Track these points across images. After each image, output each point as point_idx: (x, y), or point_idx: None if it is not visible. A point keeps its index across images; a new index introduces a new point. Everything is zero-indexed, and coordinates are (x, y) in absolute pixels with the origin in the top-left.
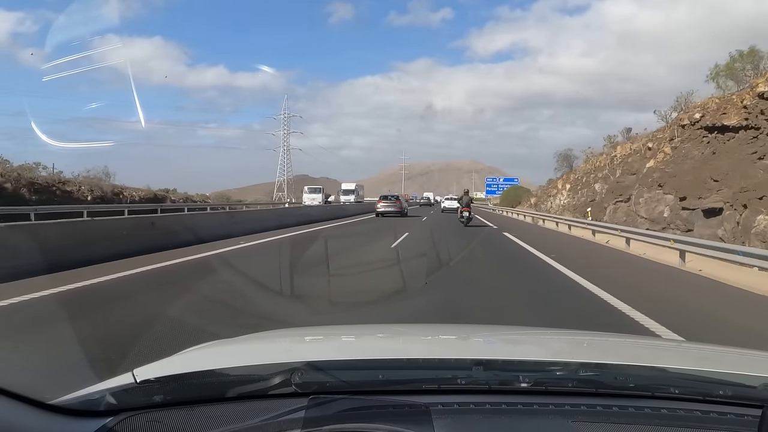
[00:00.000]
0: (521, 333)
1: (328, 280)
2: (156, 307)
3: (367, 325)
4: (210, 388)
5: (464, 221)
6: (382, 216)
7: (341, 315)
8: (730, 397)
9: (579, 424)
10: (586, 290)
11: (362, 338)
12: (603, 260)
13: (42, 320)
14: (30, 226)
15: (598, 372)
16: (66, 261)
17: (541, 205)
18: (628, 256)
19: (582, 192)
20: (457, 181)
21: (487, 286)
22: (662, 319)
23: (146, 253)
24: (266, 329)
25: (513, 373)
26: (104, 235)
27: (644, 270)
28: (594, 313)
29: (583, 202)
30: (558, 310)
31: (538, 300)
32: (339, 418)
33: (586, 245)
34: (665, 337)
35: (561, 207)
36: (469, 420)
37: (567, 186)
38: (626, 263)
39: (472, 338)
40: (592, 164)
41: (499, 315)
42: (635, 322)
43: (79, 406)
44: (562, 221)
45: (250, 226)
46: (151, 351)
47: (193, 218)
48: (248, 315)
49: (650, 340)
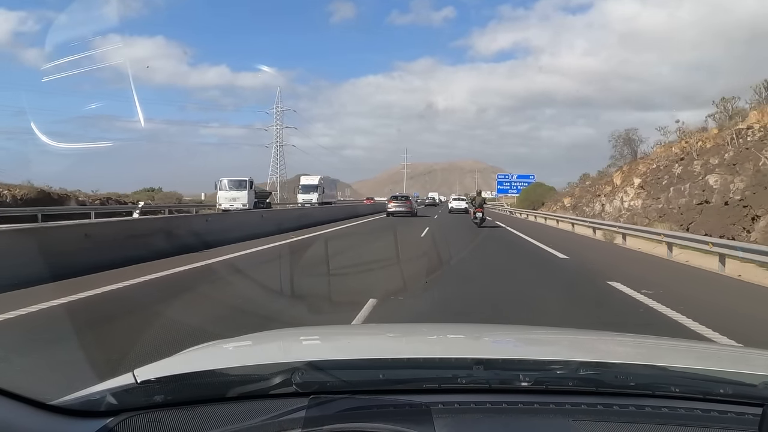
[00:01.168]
0: (522, 332)
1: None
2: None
3: (368, 324)
4: (210, 388)
5: (477, 222)
6: (393, 216)
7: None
8: (730, 396)
9: (580, 423)
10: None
11: (362, 338)
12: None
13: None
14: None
15: (598, 371)
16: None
17: (584, 208)
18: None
19: (671, 189)
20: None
21: None
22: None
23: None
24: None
25: (513, 372)
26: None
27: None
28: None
29: (684, 204)
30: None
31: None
32: (339, 418)
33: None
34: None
35: (626, 211)
36: (470, 419)
37: (635, 181)
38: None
39: (473, 337)
40: (683, 147)
41: None
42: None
43: (80, 406)
44: (700, 245)
45: (187, 242)
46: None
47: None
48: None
49: (650, 339)
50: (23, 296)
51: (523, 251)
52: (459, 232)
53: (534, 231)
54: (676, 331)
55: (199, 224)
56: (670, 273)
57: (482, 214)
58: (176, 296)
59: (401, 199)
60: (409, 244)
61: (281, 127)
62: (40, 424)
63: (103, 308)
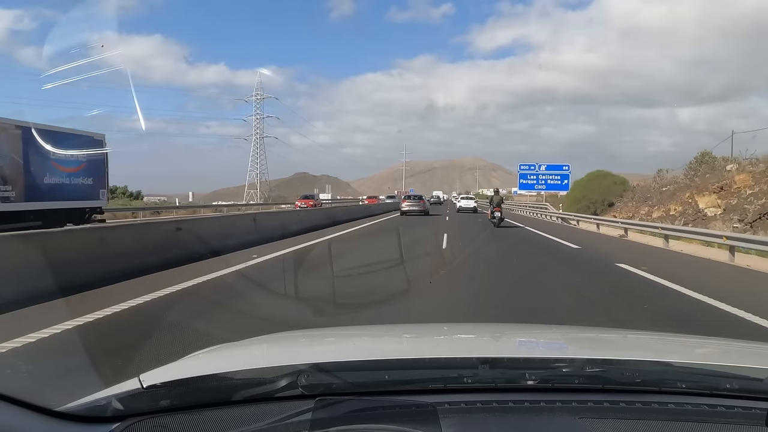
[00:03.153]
0: (527, 330)
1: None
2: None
3: (373, 326)
4: (216, 392)
5: (495, 222)
6: (406, 215)
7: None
8: (737, 391)
9: (586, 421)
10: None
11: (368, 339)
12: None
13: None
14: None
15: (604, 368)
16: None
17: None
18: None
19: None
20: (460, 178)
21: None
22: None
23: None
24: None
25: (519, 370)
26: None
27: None
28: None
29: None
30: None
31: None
32: (346, 420)
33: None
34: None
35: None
36: (476, 419)
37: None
38: None
39: (478, 336)
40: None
41: None
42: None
43: (86, 412)
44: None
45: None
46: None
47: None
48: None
49: (655, 335)
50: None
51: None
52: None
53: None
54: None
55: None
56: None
57: (500, 214)
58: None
59: (415, 199)
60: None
61: (261, 117)
62: (46, 431)
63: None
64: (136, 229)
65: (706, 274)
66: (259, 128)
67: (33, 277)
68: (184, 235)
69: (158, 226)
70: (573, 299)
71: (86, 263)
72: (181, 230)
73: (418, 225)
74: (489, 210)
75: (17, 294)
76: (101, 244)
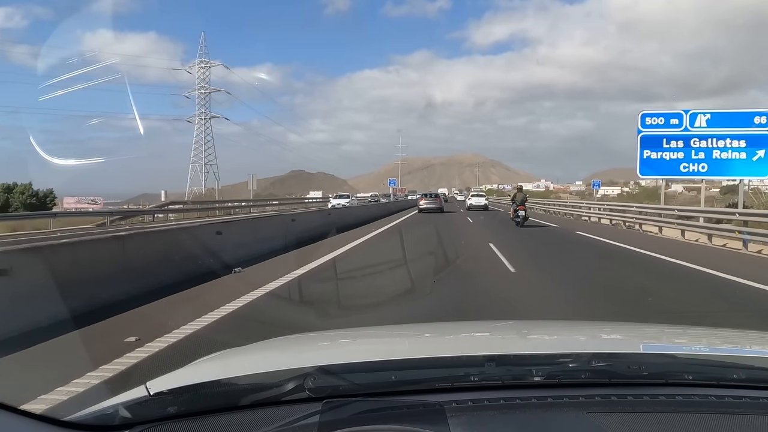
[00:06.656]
0: (532, 327)
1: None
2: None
3: (378, 326)
4: (223, 398)
5: (519, 221)
6: (424, 213)
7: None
8: (744, 381)
9: (594, 415)
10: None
11: (373, 340)
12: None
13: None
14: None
15: (610, 362)
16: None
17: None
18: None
19: None
20: (459, 174)
21: None
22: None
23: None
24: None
25: (525, 367)
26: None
27: None
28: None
29: None
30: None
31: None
32: (354, 421)
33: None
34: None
35: None
36: (484, 416)
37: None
38: None
39: (483, 334)
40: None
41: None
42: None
43: (94, 421)
44: None
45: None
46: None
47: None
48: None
49: (660, 327)
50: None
51: None
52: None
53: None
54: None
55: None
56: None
57: (525, 212)
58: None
59: (431, 197)
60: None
61: (207, 92)
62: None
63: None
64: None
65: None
66: (204, 107)
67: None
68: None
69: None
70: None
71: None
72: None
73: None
74: (512, 208)
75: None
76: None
